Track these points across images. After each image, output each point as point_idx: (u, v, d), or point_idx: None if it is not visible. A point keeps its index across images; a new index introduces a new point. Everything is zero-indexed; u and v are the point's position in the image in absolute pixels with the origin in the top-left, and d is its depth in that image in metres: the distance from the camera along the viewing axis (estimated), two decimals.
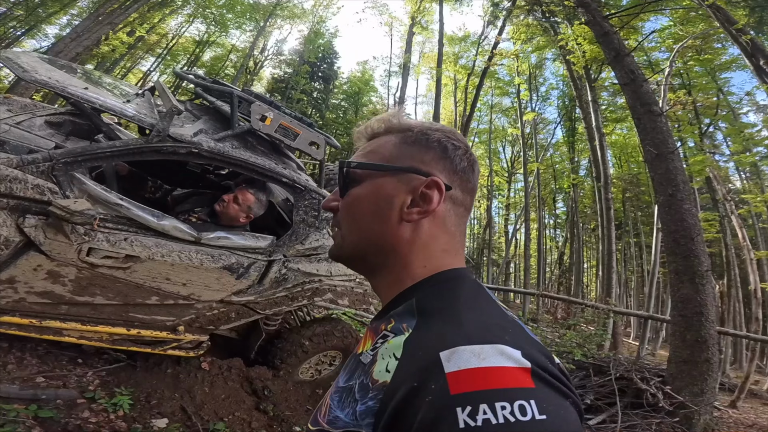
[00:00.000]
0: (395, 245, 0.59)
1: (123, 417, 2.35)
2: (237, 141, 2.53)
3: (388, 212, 0.59)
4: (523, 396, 0.38)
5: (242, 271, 2.59)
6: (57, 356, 2.62)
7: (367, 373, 0.49)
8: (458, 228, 0.62)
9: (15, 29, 15.14)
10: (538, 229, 21.06)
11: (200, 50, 21.13)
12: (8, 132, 2.46)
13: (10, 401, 2.14)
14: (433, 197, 0.58)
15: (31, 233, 2.04)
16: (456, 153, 0.62)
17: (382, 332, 0.54)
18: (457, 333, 0.44)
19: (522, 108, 21.73)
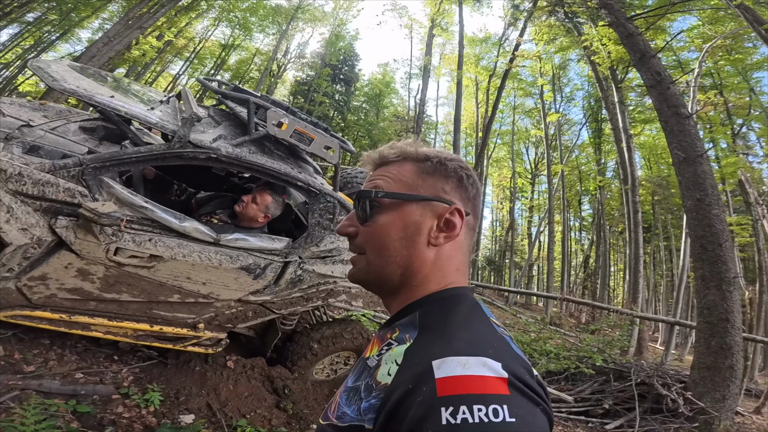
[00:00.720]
0: (420, 267, 0.65)
1: (153, 412, 2.46)
2: (254, 146, 2.61)
3: (416, 237, 0.65)
4: (498, 401, 0.44)
5: (259, 272, 2.66)
6: (95, 353, 2.76)
7: (372, 376, 0.57)
8: (468, 249, 0.70)
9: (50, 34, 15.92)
10: (562, 232, 20.56)
11: (226, 54, 21.70)
12: (43, 137, 2.60)
13: (51, 396, 2.26)
14: (457, 223, 0.65)
15: (63, 233, 2.17)
16: (468, 182, 0.69)
17: (387, 340, 0.61)
18: (449, 346, 0.52)
19: (546, 109, 21.32)
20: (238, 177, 4.02)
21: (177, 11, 15.15)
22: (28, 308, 2.30)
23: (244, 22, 19.01)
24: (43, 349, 2.60)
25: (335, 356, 3.42)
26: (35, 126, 2.64)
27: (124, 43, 10.20)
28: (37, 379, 2.35)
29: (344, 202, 2.90)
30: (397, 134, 25.23)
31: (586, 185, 24.34)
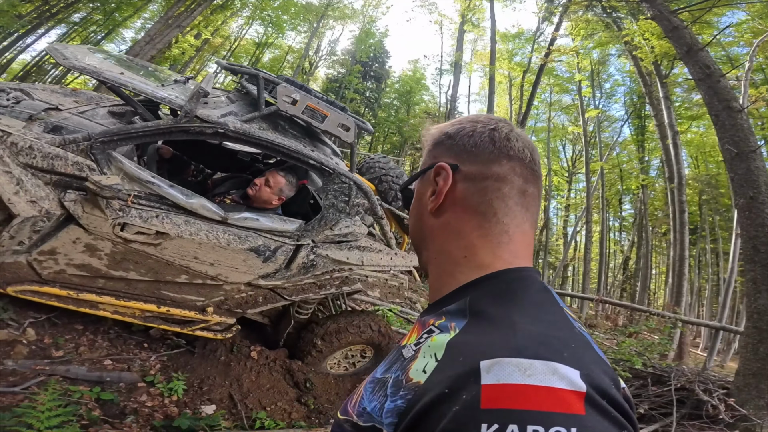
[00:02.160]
0: (431, 236, 0.61)
1: (176, 402, 2.43)
2: (265, 123, 2.51)
3: (420, 209, 0.64)
4: (565, 422, 0.34)
5: (269, 254, 2.56)
6: (126, 340, 2.77)
7: (404, 369, 0.47)
8: (490, 206, 0.57)
9: (95, 33, 16.78)
10: (600, 232, 19.66)
11: (260, 52, 22.17)
12: (68, 119, 2.61)
13: (77, 383, 2.26)
14: (439, 180, 0.60)
15: (71, 207, 2.14)
16: (459, 134, 0.62)
17: (429, 326, 0.52)
18: (506, 343, 0.41)
19: (584, 105, 20.45)
20: (263, 163, 3.97)
21: (213, 10, 15.61)
22: (38, 283, 2.29)
23: (277, 20, 19.30)
24: (76, 335, 2.62)
25: (348, 350, 3.29)
26: (63, 110, 2.65)
27: (165, 41, 10.56)
28: (64, 364, 2.35)
29: (361, 183, 2.75)
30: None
31: (627, 184, 23.15)
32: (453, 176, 0.59)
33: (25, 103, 2.44)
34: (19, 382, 2.14)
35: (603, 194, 19.88)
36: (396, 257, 3.20)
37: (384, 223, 3.08)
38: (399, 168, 3.69)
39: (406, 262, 3.27)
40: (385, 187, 3.48)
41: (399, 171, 3.62)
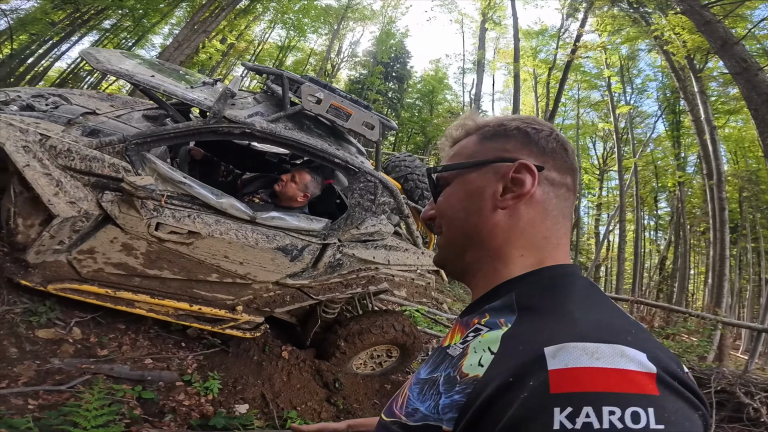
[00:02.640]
0: (491, 234, 0.57)
1: (211, 401, 2.48)
2: (291, 123, 2.53)
3: (480, 203, 0.58)
4: (641, 403, 0.34)
5: (296, 253, 2.57)
6: (165, 339, 2.85)
7: (456, 366, 0.47)
8: (561, 211, 0.59)
9: (126, 40, 17.49)
10: (635, 231, 18.91)
11: (283, 55, 22.56)
12: (105, 123, 2.71)
13: (120, 381, 2.34)
14: (525, 180, 0.56)
15: (108, 207, 2.21)
16: (539, 135, 0.60)
17: (474, 326, 0.52)
18: (569, 329, 0.41)
19: (614, 101, 19.77)
20: (290, 164, 4.02)
21: (236, 14, 15.99)
22: (77, 282, 2.38)
23: (298, 23, 19.58)
24: (119, 334, 2.71)
25: (372, 351, 3.27)
26: (100, 114, 2.75)
27: (192, 47, 10.88)
28: (108, 363, 2.43)
29: (386, 182, 2.73)
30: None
31: (663, 181, 22.19)
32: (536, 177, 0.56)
33: (63, 107, 2.54)
34: (65, 380, 2.21)
35: (637, 192, 19.14)
36: (423, 256, 3.16)
37: (410, 221, 3.05)
38: (425, 166, 3.65)
39: (432, 261, 3.23)
40: (411, 186, 3.45)
41: (425, 170, 3.58)
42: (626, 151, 20.16)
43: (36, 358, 2.28)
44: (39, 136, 2.08)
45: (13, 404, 1.96)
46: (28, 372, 2.18)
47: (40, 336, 2.40)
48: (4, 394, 1.98)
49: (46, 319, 2.47)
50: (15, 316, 2.37)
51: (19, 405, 1.97)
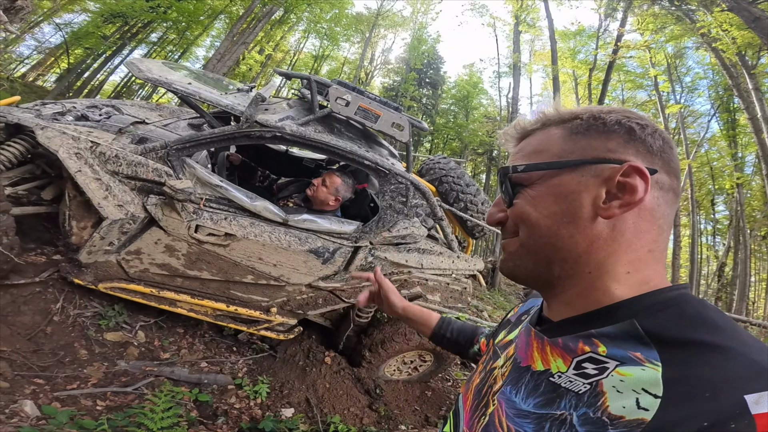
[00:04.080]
0: (589, 248, 0.50)
1: (260, 404, 2.56)
2: (321, 126, 2.56)
3: (576, 211, 0.51)
4: None
5: (328, 256, 2.58)
6: (218, 343, 2.98)
7: (594, 407, 0.44)
8: (666, 220, 0.52)
9: (172, 53, 18.63)
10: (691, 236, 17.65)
11: (318, 65, 23.19)
12: (153, 131, 2.87)
13: (179, 384, 2.45)
14: (637, 185, 0.49)
15: (152, 210, 2.32)
16: (645, 132, 0.52)
17: (586, 353, 0.47)
18: (750, 367, 0.40)
19: (663, 101, 18.69)
20: (326, 169, 4.08)
21: (272, 25, 16.67)
22: (125, 281, 2.51)
23: (330, 32, 20.09)
24: (178, 338, 2.85)
25: (402, 357, 3.22)
26: (149, 123, 2.93)
27: (234, 58, 11.42)
28: (169, 366, 2.55)
29: (418, 184, 2.69)
30: (489, 135, 24.25)
31: (720, 183, 20.61)
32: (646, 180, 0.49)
33: (115, 117, 2.71)
34: (130, 382, 2.33)
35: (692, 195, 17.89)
36: (458, 260, 3.09)
37: (445, 224, 2.99)
38: (460, 168, 3.58)
39: (469, 265, 3.14)
40: (445, 188, 3.39)
41: (460, 171, 3.51)
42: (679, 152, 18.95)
43: (104, 360, 2.41)
44: (90, 144, 2.22)
45: (83, 405, 2.07)
46: (97, 373, 2.31)
47: (108, 339, 2.55)
48: (75, 395, 2.10)
49: (114, 322, 2.63)
50: (86, 320, 2.53)
51: (89, 406, 2.09)
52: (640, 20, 15.18)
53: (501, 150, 23.03)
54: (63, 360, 2.29)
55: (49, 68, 17.44)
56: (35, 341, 2.28)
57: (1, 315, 2.25)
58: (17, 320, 2.29)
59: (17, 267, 2.39)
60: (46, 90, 14.20)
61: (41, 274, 2.48)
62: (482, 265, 3.29)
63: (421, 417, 3.16)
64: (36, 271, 2.48)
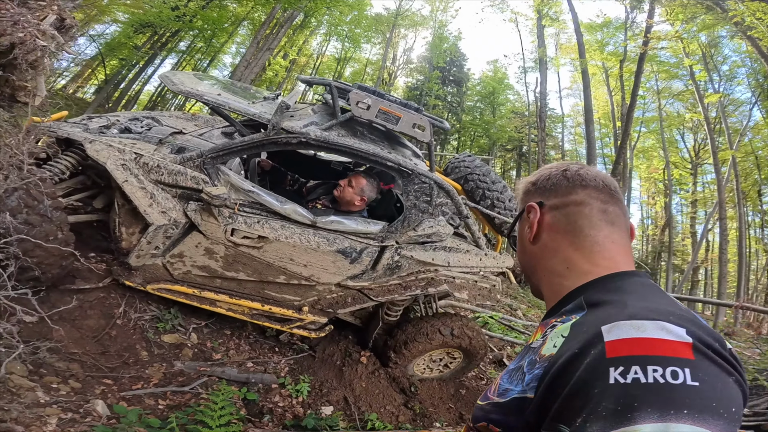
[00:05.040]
0: (535, 262, 0.76)
1: (301, 402, 2.69)
2: (344, 130, 2.64)
3: (524, 243, 0.79)
4: (678, 364, 0.43)
5: (355, 256, 2.66)
6: (262, 344, 3.14)
7: (536, 352, 0.60)
8: (576, 224, 0.71)
9: (201, 61, 19.32)
10: (738, 229, 16.67)
11: (341, 67, 23.45)
12: (190, 141, 3.05)
13: (229, 383, 2.60)
14: (531, 216, 0.76)
15: (192, 216, 2.48)
16: (541, 178, 0.79)
17: (551, 324, 0.64)
18: (621, 313, 0.51)
19: (700, 90, 17.78)
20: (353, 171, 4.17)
21: (294, 30, 16.99)
22: (170, 282, 2.68)
23: (351, 33, 20.23)
24: (225, 339, 3.03)
25: (429, 356, 3.26)
26: (187, 133, 3.11)
27: (260, 65, 11.76)
28: (220, 366, 2.71)
29: (442, 182, 2.73)
30: (518, 131, 23.80)
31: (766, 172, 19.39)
32: (540, 210, 0.75)
33: (155, 129, 2.90)
34: (186, 382, 2.49)
35: (738, 186, 16.88)
36: (486, 258, 3.08)
37: (470, 222, 3.01)
38: (486, 166, 3.56)
39: (497, 263, 3.13)
40: (471, 186, 3.39)
41: (486, 169, 3.49)
42: (721, 141, 17.97)
43: (163, 361, 2.59)
44: (134, 155, 2.40)
45: (147, 404, 2.24)
46: (157, 374, 2.49)
47: (166, 341, 2.74)
48: (139, 395, 2.27)
49: (170, 325, 2.81)
50: (145, 323, 2.73)
51: (152, 405, 2.25)
52: (669, 11, 14.56)
53: (531, 146, 22.54)
54: (127, 361, 2.47)
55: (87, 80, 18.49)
56: (102, 343, 2.48)
57: (71, 319, 2.45)
58: (85, 323, 2.49)
59: (75, 269, 2.59)
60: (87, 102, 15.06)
61: (104, 280, 2.70)
62: (512, 262, 3.27)
63: (456, 415, 3.20)
64: (99, 278, 2.69)
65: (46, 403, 1.94)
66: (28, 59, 2.63)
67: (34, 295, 1.99)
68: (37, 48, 2.64)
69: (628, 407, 0.41)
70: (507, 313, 6.66)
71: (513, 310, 7.25)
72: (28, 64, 2.65)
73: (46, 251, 2.13)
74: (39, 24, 2.73)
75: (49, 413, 1.88)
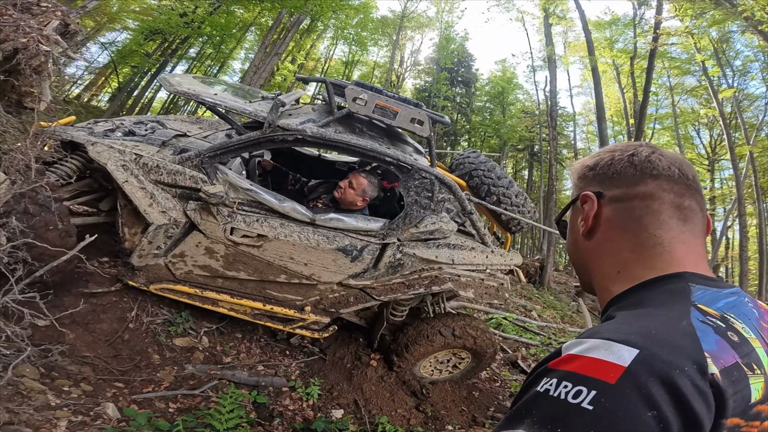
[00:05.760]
0: (587, 260, 0.69)
1: (312, 406, 2.67)
2: (342, 126, 2.62)
3: (575, 236, 0.72)
4: (589, 385, 0.42)
5: (356, 254, 2.62)
6: (273, 347, 3.14)
7: None
8: (639, 222, 0.62)
9: (211, 67, 19.58)
10: (758, 226, 16.24)
11: (349, 71, 23.56)
12: (193, 143, 3.07)
13: (240, 386, 2.60)
14: (585, 207, 0.67)
15: (192, 215, 2.48)
16: (601, 163, 0.69)
17: None
18: (592, 331, 0.50)
19: (714, 86, 17.43)
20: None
21: (301, 34, 17.14)
22: (173, 282, 2.68)
23: (357, 37, 20.30)
24: (236, 342, 3.03)
25: (434, 357, 3.20)
26: (191, 135, 3.13)
27: (268, 70, 11.88)
28: (231, 369, 2.71)
29: (443, 178, 2.68)
30: (529, 130, 23.58)
31: None
32: (598, 201, 0.66)
33: (159, 131, 2.92)
34: (197, 385, 2.49)
35: (756, 182, 16.45)
36: (492, 255, 3.01)
37: (475, 218, 2.95)
38: (491, 162, 3.50)
39: (505, 260, 3.05)
40: (476, 182, 3.33)
41: (490, 164, 3.43)
42: (737, 137, 17.58)
43: (174, 364, 2.60)
44: (134, 156, 2.41)
45: (157, 407, 2.24)
46: (168, 377, 2.49)
47: (177, 344, 2.74)
48: (150, 398, 2.27)
49: (182, 329, 2.82)
50: (157, 327, 2.74)
51: (162, 408, 2.25)
52: (677, 6, 14.34)
53: (542, 145, 22.29)
54: (139, 364, 2.48)
55: (101, 88, 18.88)
56: (114, 347, 2.49)
57: (84, 323, 2.47)
58: (97, 327, 2.51)
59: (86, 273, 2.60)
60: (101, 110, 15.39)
61: (116, 284, 2.72)
62: (520, 259, 3.19)
63: (468, 417, 3.14)
64: (111, 282, 2.72)
65: (57, 406, 1.95)
66: (31, 64, 2.67)
67: (43, 298, 1.99)
68: (40, 53, 2.68)
69: (525, 413, 0.44)
70: (521, 314, 6.56)
71: (527, 311, 7.13)
72: (32, 70, 2.69)
73: (47, 242, 2.12)
74: (42, 29, 2.78)
75: (60, 416, 1.89)
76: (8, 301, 1.97)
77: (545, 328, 6.26)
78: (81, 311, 2.34)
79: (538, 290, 10.52)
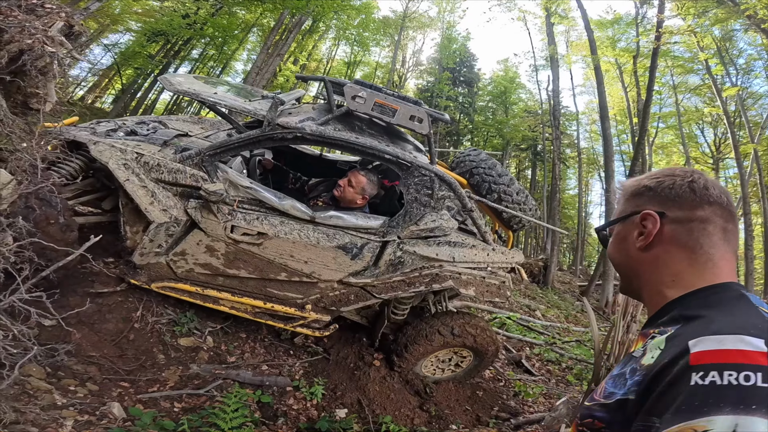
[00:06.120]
0: (642, 270, 0.78)
1: (316, 405, 2.68)
2: (341, 124, 2.63)
3: (625, 248, 0.80)
4: (751, 369, 0.51)
5: (356, 252, 2.63)
6: (277, 347, 3.14)
7: (637, 361, 0.67)
8: (697, 242, 0.72)
9: (214, 68, 19.64)
10: (763, 224, 16.15)
11: (351, 71, 23.52)
12: (194, 142, 3.09)
13: (244, 386, 2.61)
14: (647, 225, 0.75)
15: (192, 213, 2.50)
16: (662, 185, 0.77)
17: (651, 335, 0.70)
18: (707, 329, 0.59)
19: (718, 84, 17.35)
20: None
21: (303, 35, 17.16)
22: (174, 280, 2.70)
23: (359, 37, 20.24)
24: (241, 342, 3.04)
25: (435, 356, 3.20)
26: (192, 135, 3.15)
27: (271, 71, 11.92)
28: (235, 369, 2.73)
29: (443, 175, 2.68)
30: (532, 129, 23.52)
31: None
32: (661, 220, 0.74)
33: (161, 131, 2.95)
34: (202, 384, 2.51)
35: (761, 180, 16.32)
36: (494, 253, 3.01)
37: (475, 216, 2.95)
38: (491, 159, 3.50)
39: (506, 258, 3.05)
40: (477, 180, 3.32)
41: (491, 162, 3.42)
42: (741, 135, 17.47)
43: (179, 364, 2.61)
44: (135, 155, 2.44)
45: (163, 407, 2.26)
46: (173, 377, 2.51)
47: (182, 344, 2.76)
48: (155, 397, 2.29)
49: (186, 328, 2.84)
50: (162, 326, 2.75)
51: (167, 407, 2.27)
52: (679, 5, 14.29)
53: (546, 144, 22.23)
54: (144, 364, 2.50)
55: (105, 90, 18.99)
56: (119, 346, 2.51)
57: (90, 323, 2.49)
58: (103, 327, 2.53)
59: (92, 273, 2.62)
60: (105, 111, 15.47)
61: (121, 284, 2.74)
62: (521, 257, 3.19)
63: (473, 417, 3.13)
64: (117, 282, 2.74)
65: (63, 405, 1.97)
66: (37, 65, 2.69)
67: (49, 298, 2.01)
68: (45, 54, 2.71)
69: (705, 403, 0.50)
70: (525, 314, 6.55)
71: (531, 310, 7.13)
72: (37, 71, 2.71)
73: (48, 236, 2.13)
74: (47, 31, 2.81)
75: (66, 415, 1.91)
76: (15, 301, 1.99)
77: (549, 327, 6.26)
78: (87, 311, 2.36)
79: (542, 290, 10.51)
